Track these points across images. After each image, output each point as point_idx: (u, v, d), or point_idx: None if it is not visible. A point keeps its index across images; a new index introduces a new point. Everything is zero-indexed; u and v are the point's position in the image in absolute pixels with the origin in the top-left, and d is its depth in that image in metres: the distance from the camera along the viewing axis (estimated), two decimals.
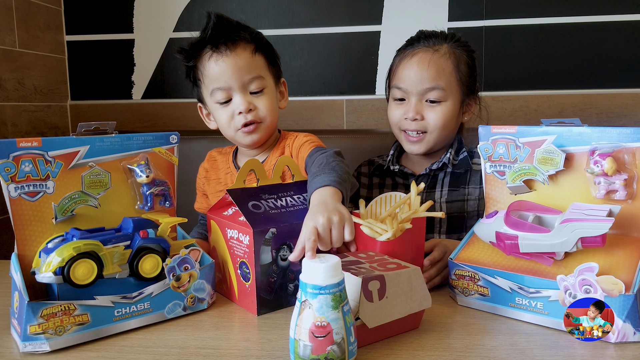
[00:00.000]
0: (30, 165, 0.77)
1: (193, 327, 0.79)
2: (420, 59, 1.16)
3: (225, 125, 1.10)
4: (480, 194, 1.19)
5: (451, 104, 1.16)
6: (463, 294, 0.85)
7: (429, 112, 1.16)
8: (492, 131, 0.90)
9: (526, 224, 0.81)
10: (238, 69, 1.06)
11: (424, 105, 1.16)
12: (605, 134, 0.79)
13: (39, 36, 1.76)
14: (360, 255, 0.82)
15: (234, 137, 1.11)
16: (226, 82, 1.06)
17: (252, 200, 0.86)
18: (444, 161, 1.19)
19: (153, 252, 0.80)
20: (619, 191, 0.78)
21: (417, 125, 1.17)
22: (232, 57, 1.06)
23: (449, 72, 1.15)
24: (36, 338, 0.70)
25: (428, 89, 1.15)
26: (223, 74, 1.06)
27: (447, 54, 1.16)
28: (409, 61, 1.17)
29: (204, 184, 1.22)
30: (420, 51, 1.17)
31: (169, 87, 1.87)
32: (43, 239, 0.79)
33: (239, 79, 1.06)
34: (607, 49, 1.63)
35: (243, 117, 1.07)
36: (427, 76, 1.14)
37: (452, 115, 1.17)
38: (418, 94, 1.16)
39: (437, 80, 1.14)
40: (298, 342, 0.63)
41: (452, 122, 1.18)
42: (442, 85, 1.14)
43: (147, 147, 0.88)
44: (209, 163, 1.24)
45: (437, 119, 1.15)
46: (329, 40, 1.76)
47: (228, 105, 1.08)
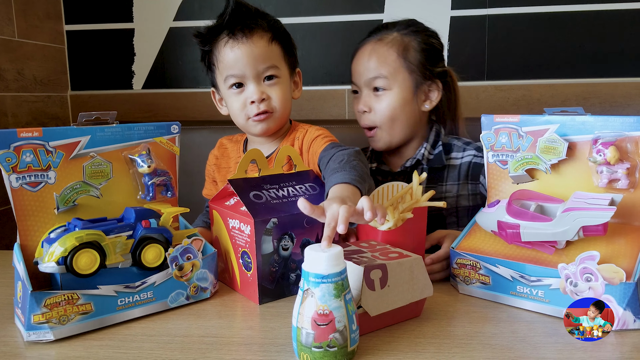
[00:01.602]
0: (32, 156, 0.77)
1: (196, 316, 0.79)
2: (363, 51, 1.18)
3: (236, 112, 1.09)
4: (461, 190, 1.18)
5: (398, 92, 1.15)
6: (464, 282, 0.85)
7: (375, 103, 1.17)
8: (494, 120, 0.90)
9: (528, 213, 0.81)
10: (253, 57, 1.04)
11: (371, 97, 1.17)
12: (608, 122, 0.79)
13: (38, 26, 1.75)
14: (362, 245, 0.82)
15: (244, 125, 1.11)
16: (240, 70, 1.05)
17: (254, 190, 0.86)
18: (417, 157, 1.18)
19: (155, 242, 0.80)
20: (621, 180, 0.78)
21: (367, 120, 1.18)
22: (248, 45, 1.04)
23: (392, 59, 1.15)
24: (40, 327, 0.70)
25: (371, 78, 1.16)
26: (238, 62, 1.05)
27: (392, 41, 1.16)
28: (356, 55, 1.20)
29: (214, 171, 1.22)
30: (365, 44, 1.19)
31: (170, 77, 1.87)
32: (45, 229, 0.79)
33: (254, 68, 1.05)
34: (610, 37, 1.62)
35: (255, 107, 1.06)
36: (370, 66, 1.15)
37: (401, 104, 1.16)
38: (365, 85, 1.17)
39: (379, 69, 1.15)
40: (300, 330, 0.63)
41: (403, 111, 1.16)
42: (385, 74, 1.14)
43: (148, 137, 0.87)
44: (219, 151, 1.23)
45: (384, 109, 1.16)
46: (331, 29, 1.75)
47: (241, 92, 1.07)
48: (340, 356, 0.63)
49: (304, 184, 0.92)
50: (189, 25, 1.82)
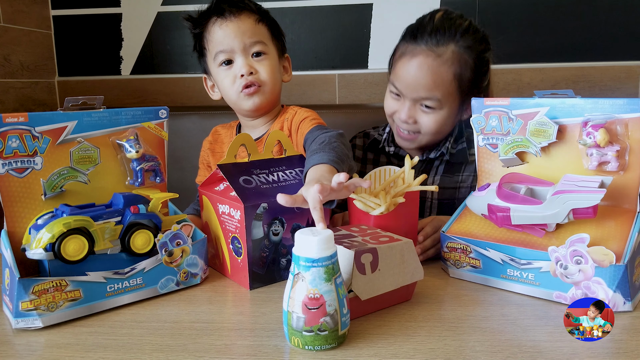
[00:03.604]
0: (18, 141, 0.76)
1: (186, 302, 0.79)
2: (419, 64, 1.06)
3: (227, 89, 1.11)
4: (474, 182, 1.17)
5: (447, 111, 1.10)
6: (455, 266, 0.85)
7: (422, 117, 1.10)
8: (484, 104, 0.89)
9: (518, 196, 0.81)
10: (241, 32, 1.08)
11: (418, 110, 1.10)
12: (598, 105, 0.79)
13: (24, 10, 1.72)
14: (352, 229, 0.82)
15: (236, 102, 1.12)
16: (229, 45, 1.08)
17: (244, 175, 0.85)
18: (442, 150, 1.16)
19: (144, 228, 0.79)
20: (611, 162, 0.78)
21: (410, 127, 1.12)
22: (236, 22, 1.09)
23: (448, 81, 1.06)
24: (28, 314, 0.69)
25: (423, 97, 1.08)
26: (226, 37, 1.08)
27: (450, 60, 1.06)
28: (409, 62, 1.08)
29: (208, 156, 1.23)
30: (421, 53, 1.06)
31: (158, 62, 1.84)
32: (33, 216, 0.78)
33: (241, 42, 1.08)
34: (600, 21, 1.62)
35: (244, 79, 1.08)
36: (424, 84, 1.06)
37: (447, 121, 1.12)
38: (412, 99, 1.09)
39: (434, 91, 1.06)
40: (291, 315, 0.63)
41: (447, 125, 1.13)
42: (439, 97, 1.07)
43: (136, 122, 0.86)
44: (213, 137, 1.25)
45: (430, 125, 1.10)
46: (321, 13, 1.74)
47: (230, 68, 1.10)
48: (331, 340, 0.63)
49: (293, 169, 0.91)
50: (177, 10, 1.80)
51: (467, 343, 0.64)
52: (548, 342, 0.64)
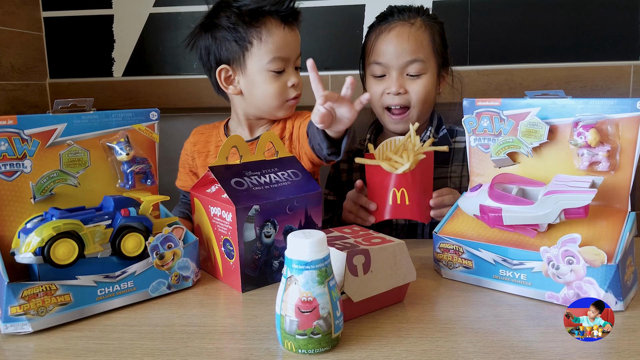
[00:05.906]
0: (6, 144, 0.75)
1: (178, 305, 0.78)
2: (398, 33, 1.17)
3: (273, 94, 1.11)
4: (464, 172, 1.20)
5: (430, 76, 1.18)
6: (447, 266, 0.85)
7: (410, 86, 1.17)
8: (476, 104, 0.89)
9: (510, 196, 0.81)
10: (297, 44, 1.13)
11: (405, 79, 1.18)
12: (589, 105, 0.79)
13: (15, 12, 1.71)
14: (345, 230, 0.81)
15: (278, 107, 1.13)
16: (288, 54, 1.10)
17: (235, 177, 0.85)
18: (423, 139, 1.20)
19: (135, 231, 0.79)
20: (602, 162, 0.78)
21: (401, 99, 1.18)
22: (296, 32, 1.13)
23: (426, 44, 1.17)
24: (18, 319, 0.69)
25: (409, 61, 1.16)
26: (288, 45, 1.10)
27: (423, 26, 1.18)
28: (387, 35, 1.18)
29: (192, 159, 1.22)
30: (397, 25, 1.18)
31: (151, 63, 1.84)
32: (22, 219, 0.78)
33: (295, 54, 1.12)
34: (591, 22, 1.62)
35: (295, 90, 1.12)
36: (408, 49, 1.15)
37: (432, 88, 1.19)
38: (399, 67, 1.17)
39: (417, 53, 1.16)
40: (284, 318, 0.63)
41: (432, 95, 1.20)
42: (422, 58, 1.16)
43: (126, 124, 0.86)
44: (195, 137, 1.24)
45: (420, 92, 1.17)
46: (313, 14, 1.73)
47: (279, 77, 1.11)
48: (324, 343, 0.62)
49: (286, 170, 0.91)
50: (169, 11, 1.79)
51: (459, 344, 0.64)
52: (540, 343, 0.64)
